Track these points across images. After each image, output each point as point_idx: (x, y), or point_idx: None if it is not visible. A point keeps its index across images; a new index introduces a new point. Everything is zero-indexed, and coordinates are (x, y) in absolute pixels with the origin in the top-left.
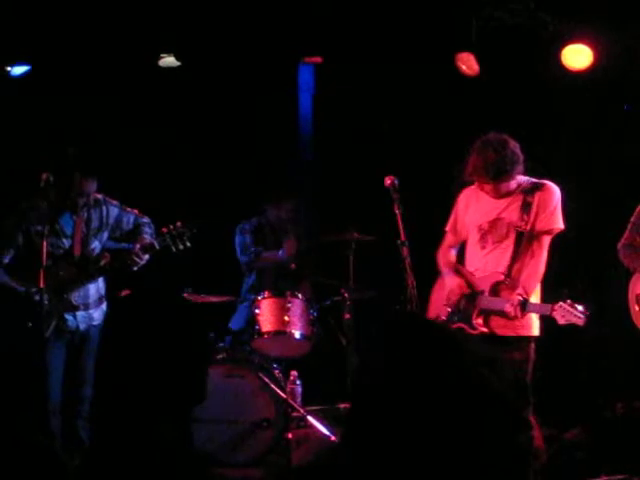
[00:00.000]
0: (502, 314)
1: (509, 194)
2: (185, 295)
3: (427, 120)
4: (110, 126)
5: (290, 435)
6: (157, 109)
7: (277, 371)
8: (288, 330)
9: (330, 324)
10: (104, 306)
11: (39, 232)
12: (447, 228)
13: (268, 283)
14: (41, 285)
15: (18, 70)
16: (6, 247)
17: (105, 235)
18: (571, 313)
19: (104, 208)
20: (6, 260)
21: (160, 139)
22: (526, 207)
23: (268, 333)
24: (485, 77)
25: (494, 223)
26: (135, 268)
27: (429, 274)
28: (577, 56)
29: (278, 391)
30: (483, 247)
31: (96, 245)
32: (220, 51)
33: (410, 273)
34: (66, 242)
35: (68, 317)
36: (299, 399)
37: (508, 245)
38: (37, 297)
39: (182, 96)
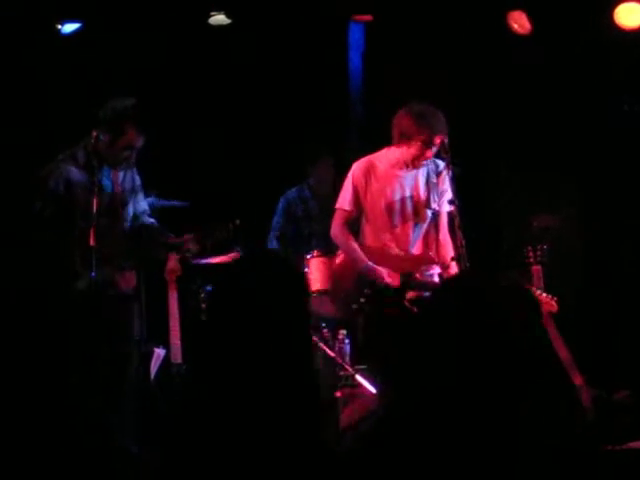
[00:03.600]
0: None
1: (417, 168)
2: (236, 253)
3: (478, 79)
4: (160, 84)
5: (339, 394)
6: (207, 67)
7: (325, 330)
8: None
9: None
10: None
11: (81, 184)
12: (343, 205)
13: (317, 243)
14: (91, 243)
15: (69, 28)
16: (49, 200)
17: (134, 200)
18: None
19: (134, 172)
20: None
21: (210, 98)
22: (434, 187)
23: (317, 292)
24: (537, 36)
25: (406, 201)
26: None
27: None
28: (631, 14)
29: (326, 350)
30: (395, 225)
31: (129, 210)
32: (270, 9)
33: (459, 232)
34: (105, 198)
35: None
36: (347, 358)
37: (423, 225)
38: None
39: (232, 54)
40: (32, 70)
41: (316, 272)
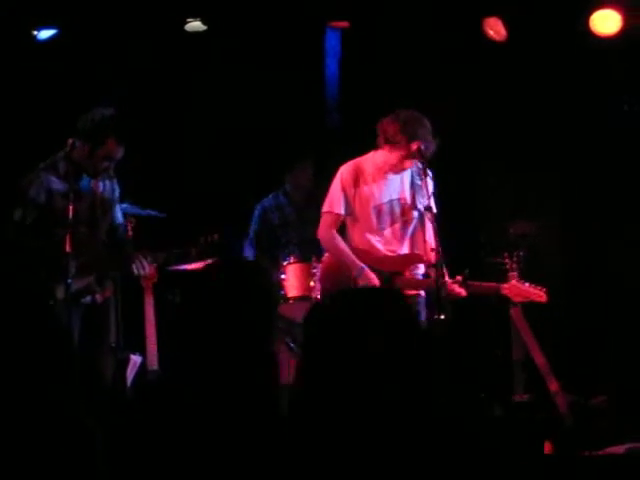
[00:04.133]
0: None
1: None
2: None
3: (454, 85)
4: (135, 92)
5: None
6: (183, 74)
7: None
8: (314, 295)
9: None
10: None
11: (61, 192)
12: (332, 209)
13: (294, 250)
14: (67, 249)
15: (45, 34)
16: (30, 209)
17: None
18: (527, 291)
19: (114, 183)
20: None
21: (186, 105)
22: (419, 188)
23: (293, 298)
24: (513, 43)
25: (394, 203)
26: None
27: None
28: (606, 22)
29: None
30: (383, 227)
31: (108, 219)
32: (246, 15)
33: (436, 238)
34: (84, 206)
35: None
36: None
37: (410, 226)
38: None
39: (208, 61)
40: (8, 77)
41: (293, 279)
